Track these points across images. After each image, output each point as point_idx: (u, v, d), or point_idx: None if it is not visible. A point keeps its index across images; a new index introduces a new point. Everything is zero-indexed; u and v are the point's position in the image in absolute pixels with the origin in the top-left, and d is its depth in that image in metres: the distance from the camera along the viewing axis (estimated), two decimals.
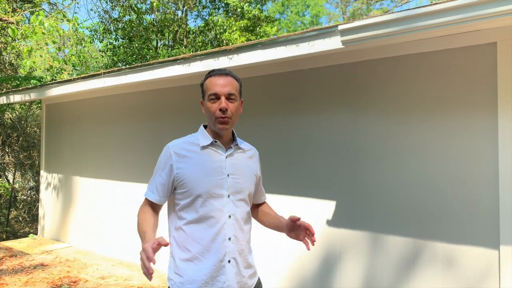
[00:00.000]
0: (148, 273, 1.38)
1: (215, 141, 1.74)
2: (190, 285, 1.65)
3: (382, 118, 3.32)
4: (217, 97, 1.68)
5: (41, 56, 6.63)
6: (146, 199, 1.78)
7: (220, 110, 1.67)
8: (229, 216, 1.70)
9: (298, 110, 3.80)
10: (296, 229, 1.79)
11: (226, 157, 1.75)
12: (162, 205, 1.79)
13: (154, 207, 1.76)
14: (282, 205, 3.86)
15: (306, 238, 1.78)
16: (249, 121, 4.13)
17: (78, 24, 7.17)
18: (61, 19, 6.80)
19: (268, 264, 3.93)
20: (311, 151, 3.70)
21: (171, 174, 1.70)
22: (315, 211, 3.65)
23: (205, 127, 1.82)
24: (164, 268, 2.46)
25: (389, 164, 3.26)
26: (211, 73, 1.74)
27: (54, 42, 6.62)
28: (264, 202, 2.08)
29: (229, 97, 1.69)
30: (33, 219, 9.18)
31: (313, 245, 1.77)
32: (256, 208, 2.03)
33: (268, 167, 3.98)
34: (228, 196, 1.71)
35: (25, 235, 7.51)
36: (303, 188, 3.74)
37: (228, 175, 1.72)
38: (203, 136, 1.76)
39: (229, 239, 1.69)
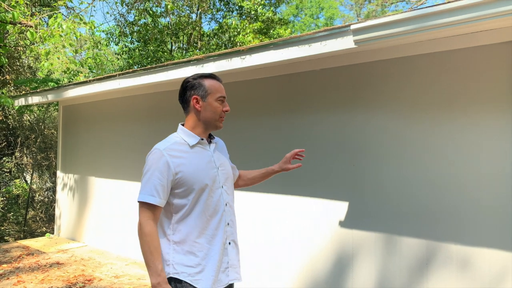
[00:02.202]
0: None
1: (202, 139, 1.89)
2: (206, 273, 1.77)
3: (395, 118, 3.29)
4: (223, 100, 1.90)
5: (58, 58, 6.76)
6: (144, 207, 1.73)
7: (225, 111, 1.90)
8: (226, 204, 1.89)
9: (311, 110, 3.79)
10: (289, 162, 2.19)
11: (213, 152, 1.93)
12: (161, 210, 1.79)
13: (155, 215, 1.75)
14: (293, 205, 3.85)
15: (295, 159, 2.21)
16: (262, 121, 4.14)
17: (94, 27, 7.28)
18: (78, 23, 6.93)
19: (280, 264, 3.92)
20: (324, 151, 3.68)
21: (170, 175, 1.75)
22: (328, 211, 3.63)
23: (183, 125, 1.94)
24: None
25: (403, 164, 3.23)
26: (214, 77, 1.91)
27: (71, 45, 6.76)
28: (240, 174, 2.26)
29: None
30: (50, 219, 9.35)
31: (303, 156, 2.25)
32: (237, 182, 2.23)
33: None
34: (222, 186, 1.89)
35: (42, 234, 7.65)
36: (315, 188, 3.73)
37: (218, 167, 1.90)
38: (188, 136, 1.87)
39: (228, 224, 1.89)
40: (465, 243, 2.92)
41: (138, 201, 1.75)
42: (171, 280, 1.76)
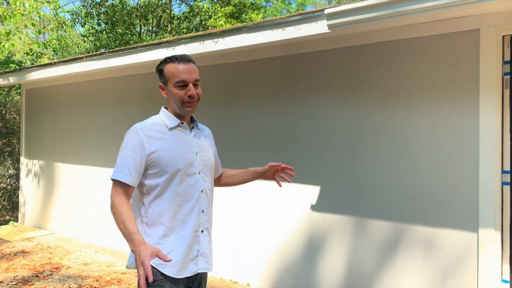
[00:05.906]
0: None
1: (182, 123, 1.85)
2: (173, 258, 1.72)
3: (368, 103, 3.33)
4: (184, 84, 1.79)
5: (20, 39, 6.44)
6: (116, 185, 1.71)
7: (189, 96, 1.79)
8: (201, 191, 1.84)
9: (284, 95, 3.79)
10: (272, 172, 2.13)
11: (193, 137, 1.88)
12: (133, 189, 1.76)
13: (127, 192, 1.72)
14: (266, 188, 3.87)
15: (280, 175, 2.14)
16: (236, 107, 4.11)
17: (58, 7, 6.96)
18: (42, 2, 6.61)
19: (252, 249, 3.95)
20: (297, 136, 3.70)
21: (143, 155, 1.73)
22: (299, 195, 3.67)
23: (166, 108, 1.90)
24: None
25: (372, 149, 3.29)
26: (174, 59, 1.81)
27: (33, 25, 6.44)
28: (222, 171, 2.24)
29: (195, 83, 1.82)
30: (14, 206, 9.01)
31: (292, 176, 2.16)
32: (219, 179, 2.20)
33: (252, 151, 3.97)
34: (199, 172, 1.84)
35: (5, 222, 7.37)
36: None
37: (196, 153, 1.86)
38: (168, 118, 1.85)
39: (202, 211, 1.84)
40: (431, 225, 3.03)
41: (111, 179, 1.73)
42: None
